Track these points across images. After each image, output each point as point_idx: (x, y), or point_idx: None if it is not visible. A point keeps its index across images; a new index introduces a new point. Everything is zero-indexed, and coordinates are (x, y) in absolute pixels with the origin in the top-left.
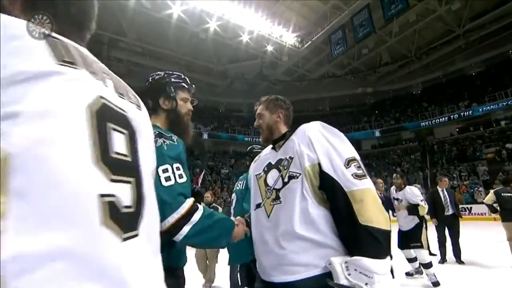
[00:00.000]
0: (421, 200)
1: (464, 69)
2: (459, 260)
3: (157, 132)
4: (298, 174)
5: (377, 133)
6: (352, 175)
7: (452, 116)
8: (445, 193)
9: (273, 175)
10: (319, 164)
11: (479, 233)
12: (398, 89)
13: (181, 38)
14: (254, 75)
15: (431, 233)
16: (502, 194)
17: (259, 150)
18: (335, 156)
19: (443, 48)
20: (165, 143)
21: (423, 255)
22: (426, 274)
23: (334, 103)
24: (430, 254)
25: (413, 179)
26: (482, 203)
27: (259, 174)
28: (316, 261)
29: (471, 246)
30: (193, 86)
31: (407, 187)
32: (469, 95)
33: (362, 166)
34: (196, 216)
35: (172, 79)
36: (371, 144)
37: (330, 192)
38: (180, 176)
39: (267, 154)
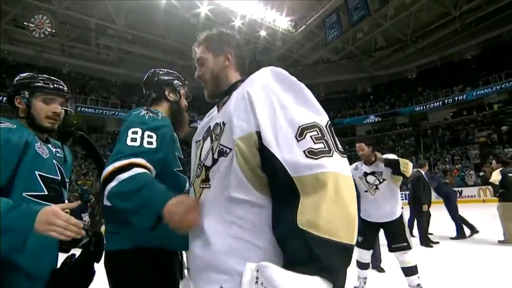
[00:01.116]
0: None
1: (460, 53)
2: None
3: (147, 108)
4: (228, 150)
5: (372, 119)
6: (304, 151)
7: (446, 101)
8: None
9: (206, 146)
10: (258, 134)
11: (469, 214)
12: (393, 74)
13: (172, 24)
14: (248, 61)
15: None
16: (509, 174)
17: None
18: (283, 121)
19: (439, 31)
20: (148, 114)
21: (407, 257)
22: (409, 286)
23: (329, 88)
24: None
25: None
26: (473, 185)
27: (199, 141)
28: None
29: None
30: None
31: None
32: (463, 79)
33: (329, 137)
34: (126, 174)
35: (176, 76)
36: (366, 130)
37: (271, 178)
38: (149, 143)
39: (211, 114)
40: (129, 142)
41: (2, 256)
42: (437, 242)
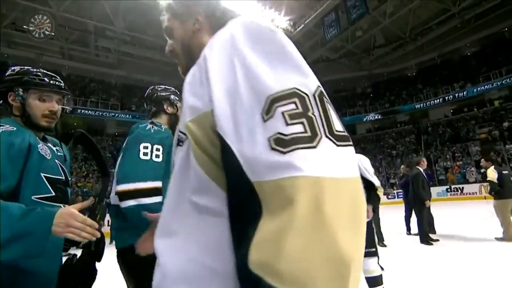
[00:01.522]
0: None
1: (460, 49)
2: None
3: (151, 122)
4: (184, 137)
5: (372, 117)
6: (269, 139)
7: (446, 98)
8: (424, 173)
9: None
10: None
11: (470, 211)
12: (393, 72)
13: None
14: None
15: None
16: (503, 172)
17: None
18: (245, 91)
19: (439, 28)
20: (153, 127)
21: (373, 264)
22: None
23: (329, 87)
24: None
25: (408, 161)
26: (474, 182)
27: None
28: None
29: (460, 223)
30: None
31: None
32: (464, 76)
33: (317, 113)
34: (148, 200)
35: (173, 91)
36: (366, 128)
37: (228, 181)
38: (157, 156)
39: None
40: (142, 156)
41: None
42: (437, 240)
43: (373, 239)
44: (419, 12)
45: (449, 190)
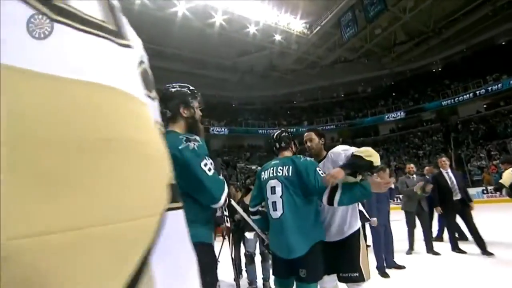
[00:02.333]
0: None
1: (492, 39)
2: (485, 251)
3: (185, 138)
4: None
5: (395, 117)
6: None
7: (478, 92)
8: (450, 175)
9: None
10: None
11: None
12: (416, 68)
13: (188, 35)
14: (265, 67)
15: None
16: None
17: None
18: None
19: (466, 19)
20: (195, 144)
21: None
22: None
23: (348, 88)
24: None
25: (435, 162)
26: None
27: None
28: None
29: (503, 234)
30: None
31: (329, 152)
32: (498, 67)
33: None
34: None
35: (188, 91)
36: (389, 129)
37: None
38: (209, 169)
39: None
40: (208, 172)
41: None
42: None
43: (357, 262)
44: (443, 4)
45: (485, 191)
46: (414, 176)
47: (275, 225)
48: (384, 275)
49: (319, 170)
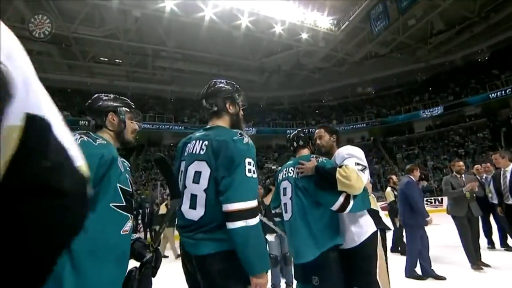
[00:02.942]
0: (362, 168)
1: None
2: None
3: (239, 132)
4: None
5: (432, 113)
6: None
7: None
8: (506, 174)
9: None
10: None
11: None
12: (457, 59)
13: (215, 38)
14: (291, 66)
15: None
16: None
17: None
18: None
19: None
20: (249, 141)
21: None
22: None
23: (380, 84)
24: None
25: (482, 160)
26: None
27: None
28: None
29: None
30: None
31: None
32: None
33: None
34: (253, 221)
35: (234, 87)
36: (425, 126)
37: None
38: (254, 172)
39: None
40: (247, 174)
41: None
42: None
43: (370, 273)
44: None
45: None
46: (463, 175)
47: (286, 228)
48: (421, 277)
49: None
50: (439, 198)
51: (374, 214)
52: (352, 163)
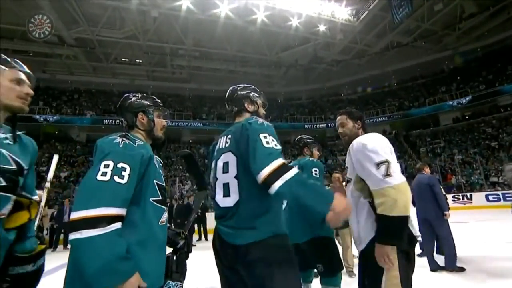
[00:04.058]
0: (379, 164)
1: None
2: None
3: (255, 117)
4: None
5: (461, 104)
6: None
7: None
8: None
9: None
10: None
11: None
12: (491, 44)
13: (231, 35)
14: (309, 60)
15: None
16: None
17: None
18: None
19: None
20: (265, 121)
21: None
22: None
23: (402, 75)
24: None
25: None
26: None
27: None
28: None
29: None
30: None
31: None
32: None
33: None
34: (292, 172)
35: (252, 89)
36: (452, 118)
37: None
38: (267, 142)
39: None
40: (265, 145)
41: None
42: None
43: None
44: None
45: None
46: None
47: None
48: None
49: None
50: (468, 194)
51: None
52: (374, 169)
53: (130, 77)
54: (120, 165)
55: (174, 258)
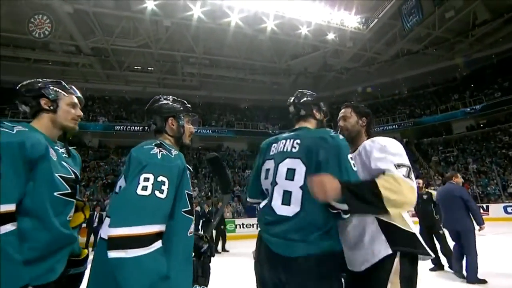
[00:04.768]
0: (400, 165)
1: None
2: None
3: (332, 130)
4: None
5: (475, 111)
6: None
7: None
8: None
9: None
10: None
11: None
12: (506, 51)
13: (241, 43)
14: (318, 68)
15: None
16: None
17: None
18: None
19: None
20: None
21: None
22: None
23: (413, 83)
24: None
25: None
26: None
27: None
28: None
29: None
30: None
31: (367, 142)
32: None
33: None
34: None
35: (319, 97)
36: (465, 126)
37: None
38: (354, 165)
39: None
40: (353, 167)
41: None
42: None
43: None
44: None
45: None
46: None
47: None
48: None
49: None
50: (484, 206)
51: (408, 235)
52: (392, 166)
53: (142, 85)
54: (160, 178)
55: (199, 262)
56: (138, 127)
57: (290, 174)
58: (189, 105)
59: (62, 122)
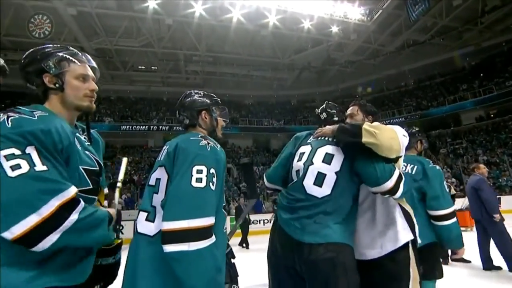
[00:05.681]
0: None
1: None
2: None
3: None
4: None
5: (484, 102)
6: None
7: None
8: None
9: None
10: None
11: None
12: None
13: (244, 39)
14: (322, 62)
15: None
16: None
17: None
18: None
19: None
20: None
21: None
22: None
23: (419, 74)
24: None
25: None
26: None
27: None
28: None
29: None
30: None
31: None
32: None
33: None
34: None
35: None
36: (474, 117)
37: None
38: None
39: None
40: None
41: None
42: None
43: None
44: None
45: None
46: None
47: None
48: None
49: None
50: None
51: (409, 219)
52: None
53: (146, 84)
54: (212, 170)
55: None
56: (144, 126)
57: (328, 158)
58: (218, 99)
59: (73, 101)
